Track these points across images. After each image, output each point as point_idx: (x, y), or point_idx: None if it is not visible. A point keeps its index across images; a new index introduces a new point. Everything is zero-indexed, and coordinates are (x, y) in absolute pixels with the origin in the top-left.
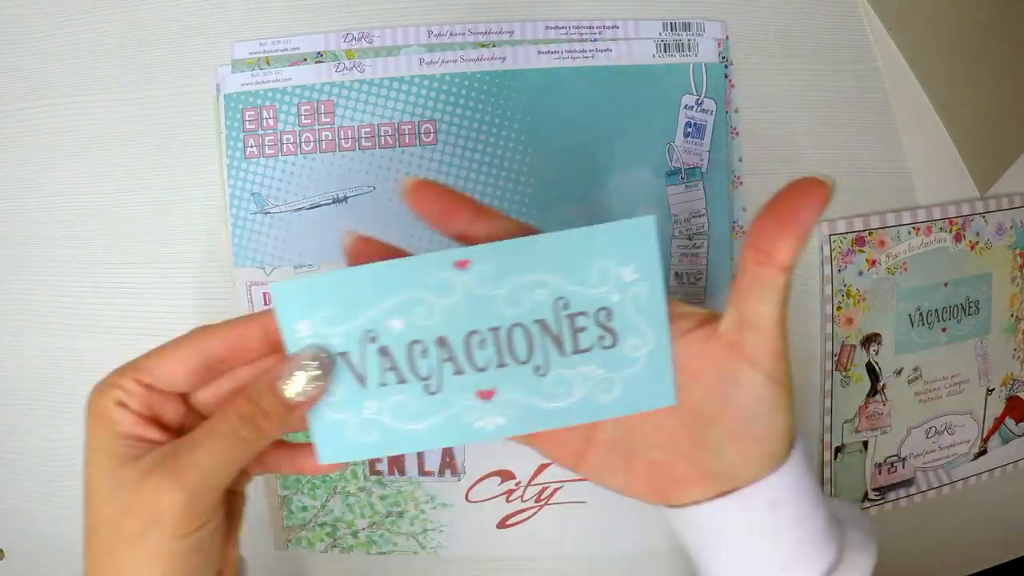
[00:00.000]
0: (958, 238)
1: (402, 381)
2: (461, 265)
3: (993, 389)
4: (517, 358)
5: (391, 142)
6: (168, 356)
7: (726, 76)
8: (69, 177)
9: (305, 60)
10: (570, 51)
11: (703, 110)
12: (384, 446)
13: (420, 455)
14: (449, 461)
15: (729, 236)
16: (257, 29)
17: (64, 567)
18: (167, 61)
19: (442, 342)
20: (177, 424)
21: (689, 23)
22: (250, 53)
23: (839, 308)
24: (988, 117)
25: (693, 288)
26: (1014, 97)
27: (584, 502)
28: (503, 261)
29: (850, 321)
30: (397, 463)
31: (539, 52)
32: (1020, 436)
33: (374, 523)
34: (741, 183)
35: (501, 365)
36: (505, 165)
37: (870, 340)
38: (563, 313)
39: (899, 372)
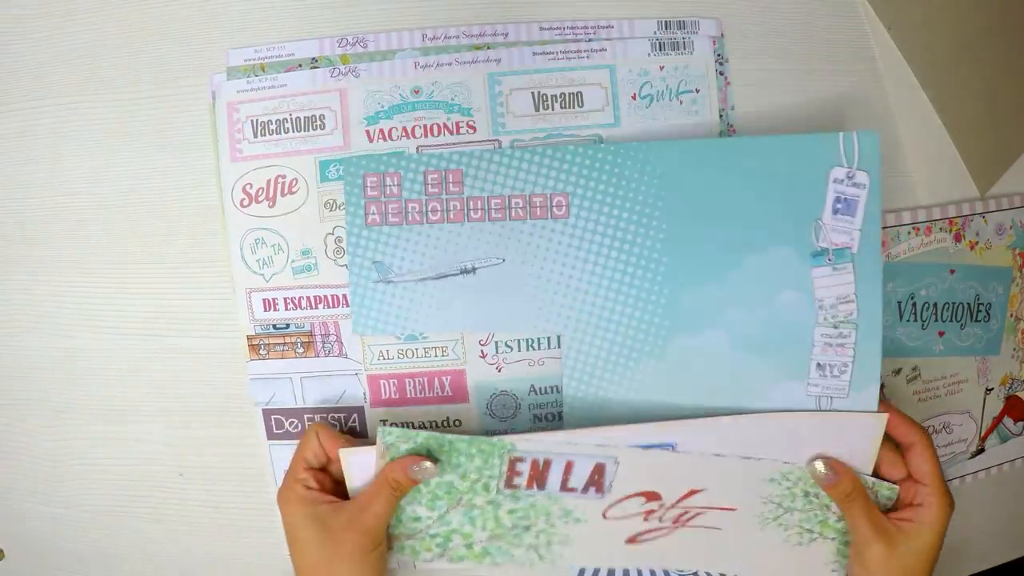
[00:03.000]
0: (958, 238)
1: None
2: None
3: (992, 388)
4: None
5: (522, 214)
6: (308, 448)
7: (721, 74)
8: (69, 177)
9: (300, 66)
10: (564, 51)
11: (855, 184)
12: None
13: (566, 472)
14: (596, 479)
15: (880, 323)
16: (253, 34)
17: (64, 567)
18: (167, 63)
19: None
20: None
21: (684, 21)
22: (245, 60)
23: None
24: (988, 117)
25: (836, 381)
26: (1014, 97)
27: (720, 529)
28: None
29: None
30: (539, 479)
31: (534, 53)
32: (1018, 435)
33: (495, 535)
34: None
35: None
36: (638, 241)
37: None
38: None
39: (898, 372)
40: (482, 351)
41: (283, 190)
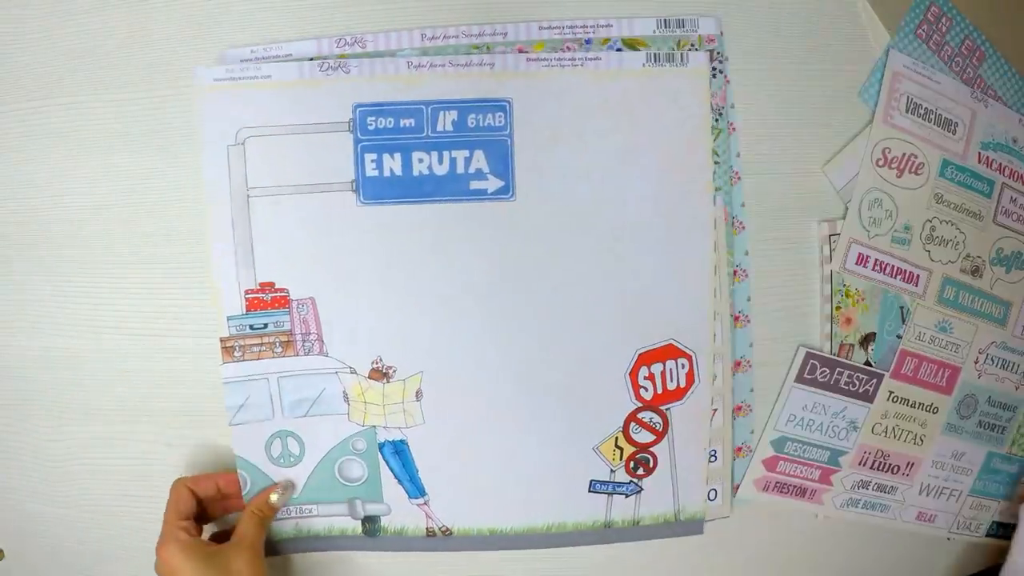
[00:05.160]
0: None
1: None
2: None
3: None
4: None
5: None
6: (180, 503)
7: (721, 72)
8: (69, 177)
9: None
10: (559, 59)
11: None
12: None
13: None
14: None
15: None
16: (253, 34)
17: (64, 567)
18: (166, 63)
19: None
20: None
21: (683, 20)
22: (242, 61)
23: (838, 308)
24: None
25: None
26: None
27: None
28: None
29: (849, 321)
30: None
31: (528, 59)
32: None
33: None
34: (740, 179)
35: None
36: None
37: (868, 339)
38: None
39: None
40: None
41: (907, 166)
